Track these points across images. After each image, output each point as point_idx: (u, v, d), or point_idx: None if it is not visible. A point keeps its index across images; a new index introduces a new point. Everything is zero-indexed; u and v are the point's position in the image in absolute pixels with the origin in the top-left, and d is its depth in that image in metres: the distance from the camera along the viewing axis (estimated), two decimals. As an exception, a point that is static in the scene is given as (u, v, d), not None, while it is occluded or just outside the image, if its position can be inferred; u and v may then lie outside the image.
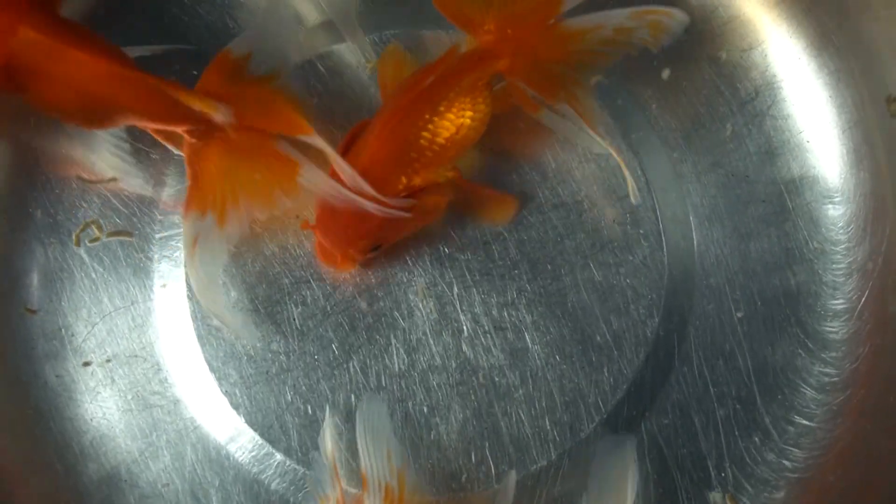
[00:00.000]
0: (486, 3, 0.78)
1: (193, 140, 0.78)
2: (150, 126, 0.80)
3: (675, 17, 0.77)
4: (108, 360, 0.85)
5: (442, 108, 0.77)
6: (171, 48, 0.86)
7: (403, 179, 0.78)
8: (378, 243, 0.81)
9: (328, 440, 0.79)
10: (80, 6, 0.88)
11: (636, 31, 0.77)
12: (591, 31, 0.77)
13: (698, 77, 0.87)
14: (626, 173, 0.82)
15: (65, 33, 0.74)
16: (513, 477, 0.79)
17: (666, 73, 0.87)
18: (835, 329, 0.84)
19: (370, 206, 0.77)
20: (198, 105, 0.76)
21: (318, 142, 0.77)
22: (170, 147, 0.84)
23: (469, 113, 0.78)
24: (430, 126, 0.77)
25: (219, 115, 0.76)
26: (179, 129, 0.78)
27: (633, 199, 0.83)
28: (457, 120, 0.77)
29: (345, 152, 0.79)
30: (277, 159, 0.78)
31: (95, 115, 0.77)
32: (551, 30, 0.77)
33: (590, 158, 0.86)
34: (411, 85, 0.78)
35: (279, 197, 0.79)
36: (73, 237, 0.86)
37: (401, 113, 0.77)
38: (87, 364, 0.85)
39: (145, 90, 0.75)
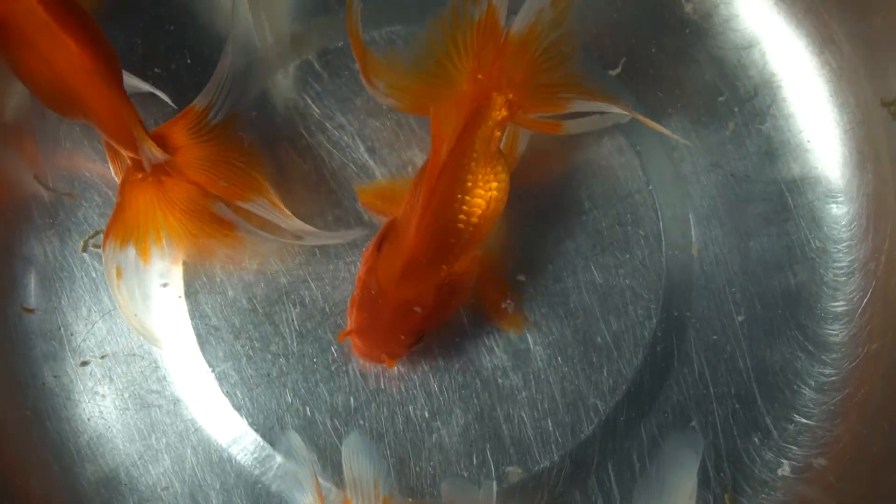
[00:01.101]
0: (440, 72, 0.76)
1: (134, 171, 0.79)
2: (103, 137, 0.80)
3: None
4: (105, 358, 0.85)
5: (469, 184, 0.74)
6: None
7: (444, 268, 0.76)
8: (421, 335, 0.79)
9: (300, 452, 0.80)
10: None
11: None
12: (536, 18, 0.75)
13: (699, 76, 0.86)
14: (658, 126, 0.80)
15: (66, 17, 0.74)
16: (493, 486, 0.79)
17: (668, 73, 0.87)
18: (835, 331, 0.84)
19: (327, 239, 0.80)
20: (139, 140, 0.76)
21: (266, 209, 0.79)
22: (112, 169, 0.83)
23: (494, 184, 0.76)
24: (464, 207, 0.75)
25: (146, 155, 0.77)
26: (126, 154, 0.79)
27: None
28: (486, 194, 0.75)
29: (377, 248, 0.78)
30: (212, 218, 0.79)
31: (59, 102, 0.78)
32: (508, 46, 0.75)
33: (590, 159, 0.85)
34: (432, 169, 0.74)
35: (211, 246, 0.81)
36: (81, 243, 0.86)
37: (434, 201, 0.74)
38: (85, 363, 0.85)
39: (108, 103, 0.76)
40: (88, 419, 0.85)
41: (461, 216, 0.74)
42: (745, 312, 0.84)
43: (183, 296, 0.85)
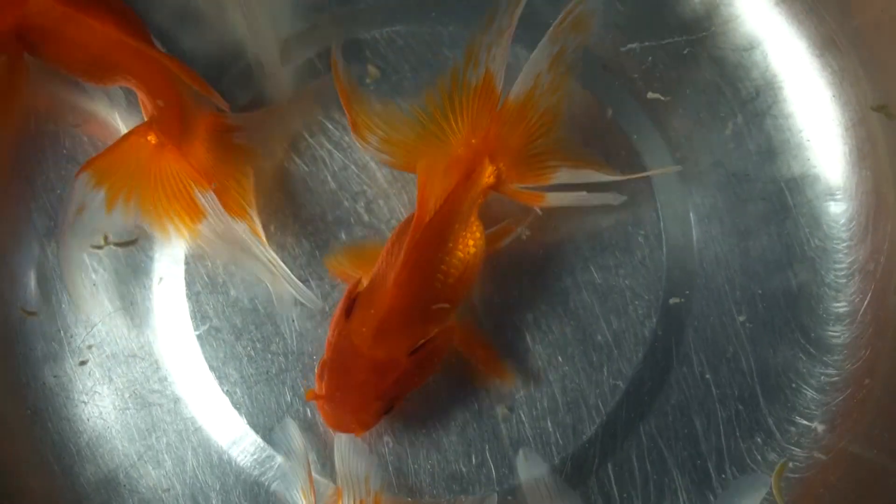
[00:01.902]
0: (437, 131, 0.76)
1: (145, 129, 0.79)
2: (142, 94, 0.81)
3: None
4: (107, 359, 0.85)
5: (451, 245, 0.74)
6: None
7: (419, 329, 0.75)
8: (392, 403, 0.77)
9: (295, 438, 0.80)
10: None
11: (565, 50, 0.75)
12: (533, 84, 0.75)
13: (700, 76, 0.86)
14: (649, 173, 0.82)
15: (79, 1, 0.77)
16: (494, 499, 0.80)
17: (669, 73, 0.87)
18: (836, 333, 0.84)
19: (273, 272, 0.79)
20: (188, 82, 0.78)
21: (240, 228, 0.79)
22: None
23: (472, 249, 0.76)
24: (443, 267, 0.75)
25: (209, 100, 0.80)
26: (155, 104, 0.79)
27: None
28: (464, 257, 0.75)
29: (345, 312, 0.76)
30: (187, 204, 0.80)
31: (97, 74, 0.81)
32: (504, 114, 0.75)
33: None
34: (416, 226, 0.74)
35: (171, 225, 0.80)
36: None
37: (414, 258, 0.73)
38: (83, 363, 0.85)
39: (144, 64, 0.78)
40: (88, 419, 0.85)
41: (439, 275, 0.74)
42: (746, 312, 0.84)
43: (185, 294, 0.86)
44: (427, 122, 0.76)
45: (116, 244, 0.86)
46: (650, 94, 0.87)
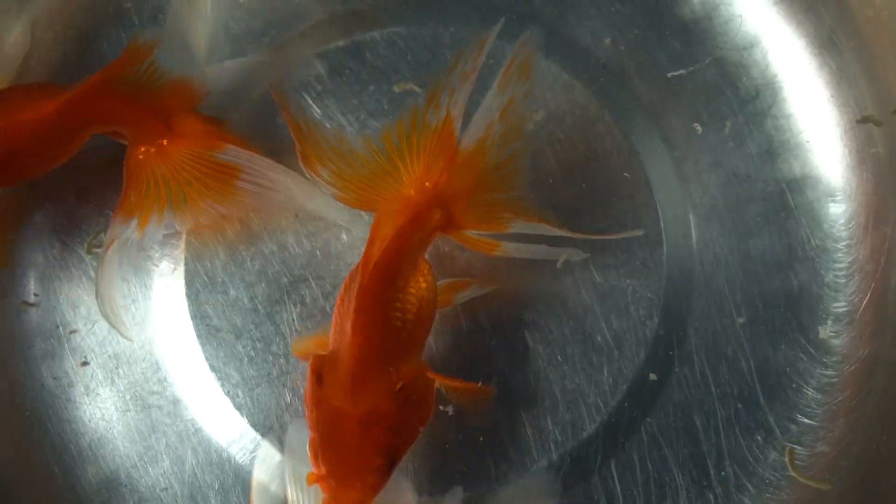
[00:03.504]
0: (390, 169, 0.74)
1: (134, 151, 0.80)
2: (106, 128, 0.80)
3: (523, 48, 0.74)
4: (107, 360, 0.85)
5: (401, 283, 0.72)
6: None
7: (393, 370, 0.72)
8: (394, 456, 0.73)
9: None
10: (79, 8, 0.88)
11: (514, 99, 0.74)
12: (487, 131, 0.73)
13: (699, 76, 0.87)
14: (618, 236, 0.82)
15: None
16: (459, 492, 0.78)
17: (668, 73, 0.87)
18: (836, 332, 0.84)
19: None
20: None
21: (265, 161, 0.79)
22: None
23: (423, 285, 0.74)
24: (398, 304, 0.72)
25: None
26: (127, 134, 0.80)
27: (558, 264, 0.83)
28: (416, 293, 0.73)
29: (317, 382, 0.73)
30: (215, 174, 0.79)
31: (63, 149, 0.79)
32: (458, 158, 0.74)
33: (590, 159, 0.86)
34: (364, 268, 0.72)
35: (210, 206, 0.80)
36: (85, 245, 0.86)
37: (367, 300, 0.71)
38: (85, 364, 0.85)
39: (78, 106, 0.77)
40: (89, 420, 0.85)
41: (396, 313, 0.72)
42: (747, 313, 0.84)
43: (184, 295, 0.86)
44: (381, 160, 0.74)
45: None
46: (649, 94, 0.87)
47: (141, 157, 0.80)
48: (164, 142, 0.79)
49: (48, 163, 0.79)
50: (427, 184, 0.73)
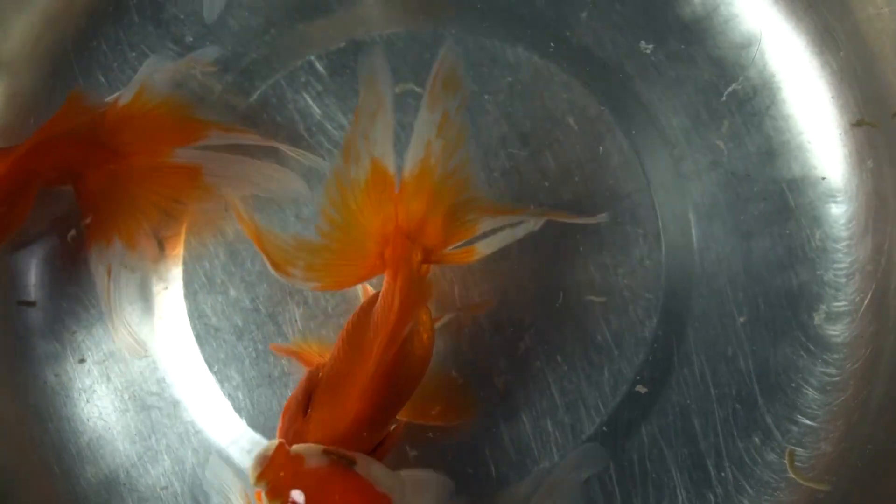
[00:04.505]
0: (350, 240, 0.72)
1: (83, 181, 0.80)
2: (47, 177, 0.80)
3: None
4: (105, 359, 0.85)
5: (409, 347, 0.71)
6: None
7: (379, 432, 0.71)
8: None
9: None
10: (79, 7, 0.88)
11: (448, 114, 0.72)
12: (425, 153, 0.72)
13: (699, 76, 0.86)
14: (572, 218, 0.81)
15: None
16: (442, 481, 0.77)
17: (668, 73, 0.87)
18: (837, 332, 0.83)
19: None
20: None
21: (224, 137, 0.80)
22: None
23: (425, 336, 0.73)
24: (403, 370, 0.71)
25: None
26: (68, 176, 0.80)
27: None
28: (422, 352, 0.72)
29: (303, 407, 0.72)
30: (174, 172, 0.80)
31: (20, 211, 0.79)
32: (404, 193, 0.72)
33: (590, 158, 0.85)
34: (380, 339, 0.69)
35: (182, 210, 0.81)
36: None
37: (380, 370, 0.69)
38: (82, 361, 0.85)
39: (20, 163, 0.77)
40: (88, 420, 0.85)
41: (401, 378, 0.71)
42: (747, 313, 0.84)
43: (182, 295, 0.86)
44: (337, 237, 0.72)
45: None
46: (649, 94, 0.87)
47: (93, 186, 0.80)
48: (112, 167, 0.80)
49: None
50: (388, 230, 0.72)
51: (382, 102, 0.71)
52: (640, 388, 0.83)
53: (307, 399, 0.71)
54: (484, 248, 0.75)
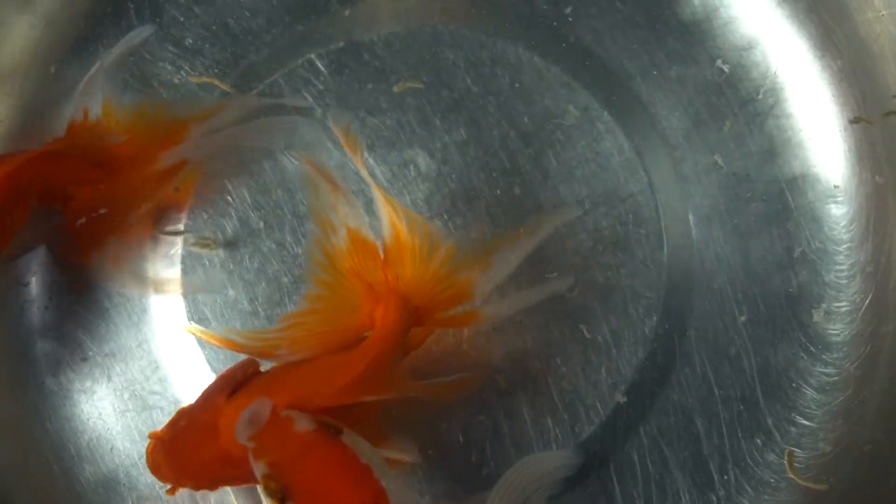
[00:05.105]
0: (341, 309, 0.72)
1: (73, 216, 0.81)
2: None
3: None
4: (105, 359, 0.85)
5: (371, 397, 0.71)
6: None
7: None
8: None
9: None
10: (78, 9, 0.88)
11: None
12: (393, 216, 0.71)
13: (700, 76, 0.86)
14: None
15: None
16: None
17: (669, 73, 0.87)
18: (836, 331, 0.83)
19: None
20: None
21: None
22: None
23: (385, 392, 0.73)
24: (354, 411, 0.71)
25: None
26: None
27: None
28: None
29: (228, 391, 0.72)
30: (164, 178, 0.82)
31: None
32: (388, 255, 0.72)
33: (590, 159, 0.85)
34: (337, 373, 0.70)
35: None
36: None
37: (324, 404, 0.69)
38: (83, 360, 0.85)
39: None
40: (88, 420, 0.85)
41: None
42: (748, 312, 0.84)
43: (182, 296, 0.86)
44: (328, 298, 0.72)
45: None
46: (650, 94, 0.87)
47: (82, 207, 0.80)
48: (101, 186, 0.80)
49: None
50: (381, 290, 0.72)
51: (328, 176, 0.71)
52: (620, 398, 0.83)
53: (234, 387, 0.71)
54: (494, 312, 0.76)
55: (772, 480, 0.82)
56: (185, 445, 0.71)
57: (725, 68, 0.86)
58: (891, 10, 0.83)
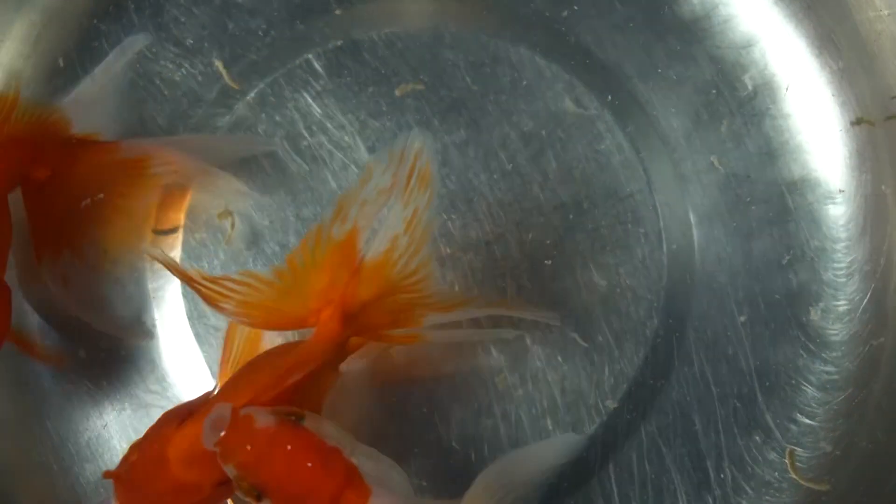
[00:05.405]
0: (295, 289, 0.71)
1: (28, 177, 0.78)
2: None
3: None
4: (104, 356, 0.85)
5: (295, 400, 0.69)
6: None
7: None
8: None
9: None
10: (79, 7, 0.88)
11: (419, 209, 0.70)
12: (393, 244, 0.70)
13: (699, 76, 0.86)
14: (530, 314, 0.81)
15: None
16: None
17: (668, 73, 0.87)
18: (836, 330, 0.83)
19: None
20: None
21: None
22: None
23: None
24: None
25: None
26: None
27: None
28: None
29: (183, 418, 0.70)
30: (124, 167, 0.80)
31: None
32: (363, 271, 0.70)
33: (590, 158, 0.86)
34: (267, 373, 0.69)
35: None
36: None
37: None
38: (83, 359, 0.85)
39: None
40: (88, 419, 0.85)
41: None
42: (747, 312, 0.84)
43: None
44: (287, 281, 0.70)
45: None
46: (649, 94, 0.87)
47: (39, 188, 0.79)
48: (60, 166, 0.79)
49: None
50: (332, 297, 0.71)
51: (390, 187, 0.69)
52: (610, 403, 0.83)
53: (183, 417, 0.70)
54: (432, 338, 0.76)
55: (772, 480, 0.82)
56: (139, 480, 0.70)
57: (725, 67, 0.86)
58: (891, 9, 0.82)
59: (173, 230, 0.86)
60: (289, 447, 0.64)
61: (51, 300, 0.84)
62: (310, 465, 0.64)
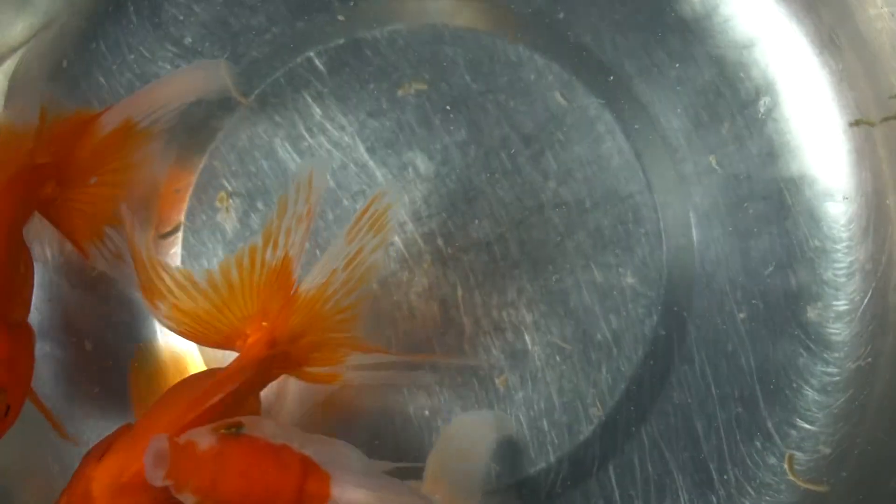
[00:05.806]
0: (226, 309, 0.71)
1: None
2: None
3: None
4: (104, 356, 0.85)
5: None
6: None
7: None
8: None
9: None
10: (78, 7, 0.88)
11: (363, 250, 0.71)
12: (329, 278, 0.71)
13: (699, 77, 0.86)
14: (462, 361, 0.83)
15: None
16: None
17: (668, 73, 0.87)
18: (836, 330, 0.83)
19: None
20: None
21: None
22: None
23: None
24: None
25: None
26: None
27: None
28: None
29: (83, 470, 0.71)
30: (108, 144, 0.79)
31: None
32: (296, 300, 0.71)
33: (591, 159, 0.85)
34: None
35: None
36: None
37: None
38: (83, 359, 0.85)
39: None
40: (88, 419, 0.85)
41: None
42: (747, 311, 0.84)
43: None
44: (221, 295, 0.71)
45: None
46: (650, 94, 0.86)
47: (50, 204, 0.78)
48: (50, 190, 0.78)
49: None
50: (264, 323, 0.71)
51: (308, 217, 0.70)
52: (596, 411, 0.83)
53: (102, 452, 0.70)
54: (351, 379, 0.76)
55: (772, 482, 0.83)
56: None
57: (726, 67, 0.86)
58: (892, 8, 0.82)
59: (174, 231, 0.86)
60: (238, 460, 0.64)
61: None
62: (264, 470, 0.64)
